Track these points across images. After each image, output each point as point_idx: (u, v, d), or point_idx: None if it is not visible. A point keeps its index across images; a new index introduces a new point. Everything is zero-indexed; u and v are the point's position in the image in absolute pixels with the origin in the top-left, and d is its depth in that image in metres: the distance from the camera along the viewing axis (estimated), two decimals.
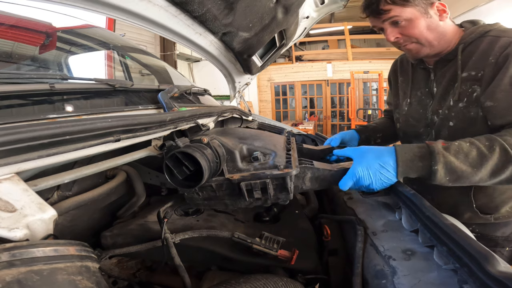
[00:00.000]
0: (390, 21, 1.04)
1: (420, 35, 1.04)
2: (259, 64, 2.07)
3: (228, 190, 0.80)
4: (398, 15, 1.01)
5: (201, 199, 0.83)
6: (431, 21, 1.03)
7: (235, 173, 0.79)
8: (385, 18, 1.04)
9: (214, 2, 1.16)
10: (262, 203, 0.81)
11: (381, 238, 0.74)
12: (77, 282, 0.41)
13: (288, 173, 0.74)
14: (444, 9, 1.04)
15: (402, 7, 1.00)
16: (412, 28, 1.03)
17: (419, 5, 1.00)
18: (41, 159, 0.55)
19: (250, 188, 0.76)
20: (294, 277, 0.75)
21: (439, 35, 1.05)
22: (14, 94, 0.75)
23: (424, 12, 1.01)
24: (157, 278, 0.89)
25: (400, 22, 1.02)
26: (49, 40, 1.25)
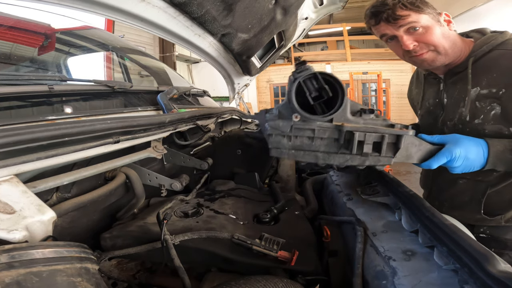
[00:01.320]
0: (406, 28, 1.00)
1: (438, 42, 1.00)
2: (258, 65, 2.07)
3: (328, 140, 0.72)
4: (416, 21, 0.98)
5: (289, 147, 0.73)
6: (444, 29, 1.01)
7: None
8: (402, 23, 0.99)
9: (213, 3, 1.16)
10: (359, 162, 0.74)
11: (381, 239, 0.74)
12: (76, 283, 0.41)
13: (406, 132, 0.71)
14: (450, 20, 1.03)
15: (418, 13, 0.97)
16: (430, 35, 0.99)
17: (431, 13, 0.99)
18: (40, 161, 0.55)
19: (362, 140, 0.70)
20: (294, 278, 0.75)
21: (452, 43, 1.02)
22: (13, 95, 0.75)
23: (437, 20, 1.00)
24: (157, 280, 0.89)
25: (417, 29, 0.99)
26: (48, 41, 1.25)
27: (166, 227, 0.78)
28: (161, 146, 1.01)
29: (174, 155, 1.21)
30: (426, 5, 0.99)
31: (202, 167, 1.27)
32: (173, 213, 0.99)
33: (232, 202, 1.13)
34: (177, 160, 1.22)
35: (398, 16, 0.98)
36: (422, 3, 0.98)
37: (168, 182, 1.01)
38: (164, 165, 1.23)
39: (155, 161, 1.16)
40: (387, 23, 1.01)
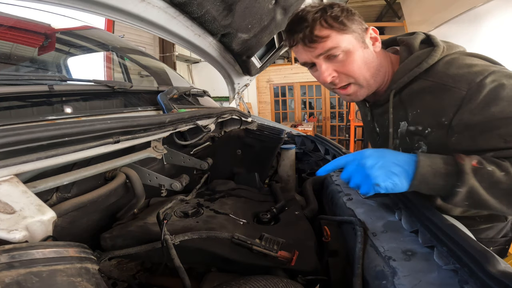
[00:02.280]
0: (326, 55, 0.85)
1: (359, 73, 0.86)
2: (258, 65, 2.07)
3: None
4: (336, 45, 0.82)
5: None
6: (368, 52, 0.86)
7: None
8: (320, 51, 0.84)
9: (213, 3, 1.16)
10: None
11: (381, 239, 0.74)
12: (76, 283, 0.41)
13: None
14: (377, 37, 0.88)
15: (340, 33, 0.82)
16: (350, 63, 0.85)
17: (356, 31, 0.84)
18: (40, 161, 0.55)
19: None
20: (294, 278, 0.75)
21: (375, 70, 0.89)
22: (13, 95, 0.75)
23: (361, 41, 0.85)
24: (157, 280, 0.89)
25: (338, 54, 0.83)
26: (48, 41, 1.25)
27: (166, 227, 0.78)
28: (161, 146, 1.01)
29: (174, 155, 1.21)
30: (352, 20, 0.83)
31: (202, 167, 1.27)
32: (173, 213, 0.99)
33: (232, 202, 1.13)
34: (177, 160, 1.22)
35: (316, 38, 0.82)
36: (348, 18, 0.83)
37: (168, 182, 1.01)
38: (164, 165, 1.23)
39: (155, 161, 1.16)
40: (303, 45, 0.86)
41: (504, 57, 3.61)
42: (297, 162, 1.73)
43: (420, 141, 0.85)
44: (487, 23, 5.04)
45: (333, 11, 0.82)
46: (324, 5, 0.83)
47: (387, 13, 8.88)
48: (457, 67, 0.77)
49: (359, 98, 0.93)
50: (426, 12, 6.43)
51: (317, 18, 0.82)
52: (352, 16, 0.84)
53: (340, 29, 0.82)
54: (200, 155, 1.41)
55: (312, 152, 1.93)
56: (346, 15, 0.83)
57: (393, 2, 7.95)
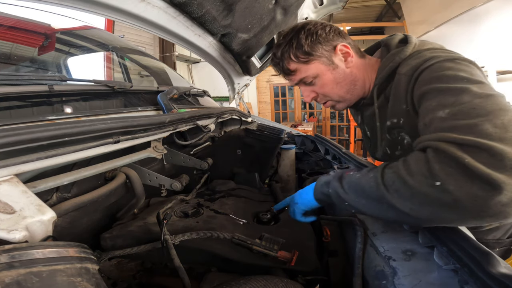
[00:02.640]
0: (301, 83, 0.98)
1: (331, 92, 0.97)
2: (258, 65, 2.07)
3: None
4: (305, 75, 0.94)
5: None
6: (338, 72, 0.94)
7: None
8: (295, 80, 0.98)
9: (213, 3, 1.16)
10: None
11: (381, 239, 0.74)
12: (76, 283, 0.41)
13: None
14: (348, 52, 0.93)
15: (306, 64, 0.93)
16: (322, 86, 0.96)
17: (322, 55, 0.91)
18: (40, 161, 0.55)
19: None
20: (294, 278, 0.75)
21: (348, 86, 0.96)
22: (13, 95, 0.75)
23: (328, 63, 0.93)
24: (157, 280, 0.89)
25: (311, 81, 0.96)
26: (48, 41, 1.25)
27: (166, 227, 0.78)
28: (161, 146, 1.01)
29: (174, 155, 1.21)
30: (316, 46, 0.91)
31: (202, 167, 1.27)
32: (173, 213, 0.99)
33: (232, 202, 1.13)
34: (177, 160, 1.22)
35: (288, 71, 0.96)
36: (312, 45, 0.90)
37: (168, 182, 1.01)
38: (164, 165, 1.23)
39: (155, 161, 1.16)
40: (283, 76, 1.00)
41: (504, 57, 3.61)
42: (297, 162, 1.73)
43: (401, 132, 0.89)
44: (486, 23, 5.04)
45: (298, 40, 0.91)
46: (292, 34, 0.93)
47: (387, 13, 8.89)
48: (416, 58, 0.81)
49: (339, 109, 1.05)
50: (426, 12, 6.43)
51: (285, 54, 0.94)
52: (317, 39, 0.91)
53: (305, 60, 0.92)
54: (200, 155, 1.41)
55: (312, 152, 1.93)
56: (310, 41, 0.91)
57: (393, 2, 7.96)
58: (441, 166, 0.53)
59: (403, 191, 0.57)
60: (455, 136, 0.53)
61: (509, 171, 0.48)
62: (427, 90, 0.70)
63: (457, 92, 0.62)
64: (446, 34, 5.98)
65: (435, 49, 0.83)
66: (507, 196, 0.47)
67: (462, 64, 0.70)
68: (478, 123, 0.53)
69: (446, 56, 0.74)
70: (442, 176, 0.52)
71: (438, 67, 0.72)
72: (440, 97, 0.65)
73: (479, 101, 0.58)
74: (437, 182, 0.52)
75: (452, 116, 0.59)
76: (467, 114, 0.57)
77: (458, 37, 5.62)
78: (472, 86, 0.62)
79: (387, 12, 8.78)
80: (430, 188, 0.53)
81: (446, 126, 0.58)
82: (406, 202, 0.57)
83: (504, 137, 0.50)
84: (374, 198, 0.64)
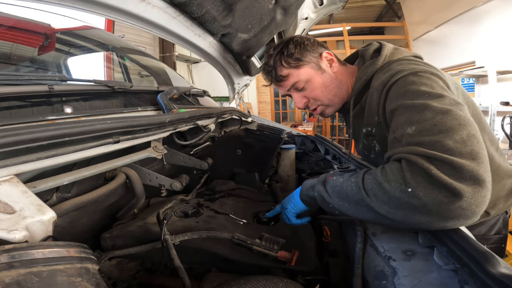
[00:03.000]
0: (293, 88, 1.04)
1: (322, 95, 1.04)
2: (258, 65, 2.07)
3: None
4: (297, 79, 1.01)
5: None
6: (325, 76, 1.02)
7: None
8: (287, 86, 1.04)
9: (213, 3, 1.16)
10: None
11: (381, 239, 0.74)
12: (76, 283, 0.41)
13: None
14: (332, 58, 1.03)
15: (297, 68, 1.00)
16: (312, 89, 1.03)
17: (311, 61, 1.01)
18: (40, 161, 0.55)
19: None
20: (294, 278, 0.75)
21: (336, 89, 1.04)
22: (13, 95, 0.75)
23: (317, 68, 1.01)
24: (157, 280, 0.89)
25: (302, 86, 1.02)
26: (48, 41, 1.25)
27: (166, 227, 0.78)
28: (161, 146, 1.01)
29: (174, 155, 1.21)
30: (305, 53, 1.00)
31: (202, 167, 1.27)
32: (173, 213, 0.99)
33: (232, 202, 1.13)
34: (177, 160, 1.22)
35: (281, 77, 1.02)
36: (301, 52, 1.00)
37: (168, 182, 1.01)
38: (164, 165, 1.23)
39: (155, 161, 1.16)
40: (275, 84, 1.06)
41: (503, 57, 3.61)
42: (297, 162, 1.73)
43: (374, 140, 0.98)
44: (486, 23, 5.04)
45: (288, 49, 1.00)
46: (282, 45, 1.02)
47: (387, 13, 8.88)
48: (385, 71, 0.88)
49: (328, 115, 1.12)
50: (426, 12, 6.43)
51: (277, 61, 1.01)
52: (305, 48, 1.01)
53: (296, 65, 1.00)
54: (200, 155, 1.41)
55: (312, 152, 1.93)
56: (299, 49, 1.00)
57: (393, 2, 7.95)
58: (412, 175, 0.60)
59: (380, 196, 0.64)
60: (422, 150, 0.61)
61: (468, 181, 0.56)
62: (396, 107, 0.77)
63: (420, 109, 0.69)
64: (446, 34, 5.98)
65: (402, 60, 0.90)
66: (467, 201, 0.55)
67: (424, 77, 0.77)
68: (440, 140, 0.61)
69: (410, 70, 0.81)
70: (413, 183, 0.59)
71: (403, 81, 0.79)
72: (407, 113, 0.72)
73: (439, 118, 0.65)
74: (409, 188, 0.59)
75: (418, 133, 0.66)
76: (430, 131, 0.64)
77: (458, 37, 5.63)
78: (433, 101, 0.69)
79: (387, 12, 8.78)
80: (403, 194, 0.60)
81: (414, 141, 0.65)
82: (384, 206, 0.64)
83: (463, 152, 0.59)
84: (355, 201, 0.70)
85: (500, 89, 4.46)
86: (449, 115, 0.65)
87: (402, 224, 0.64)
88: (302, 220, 0.92)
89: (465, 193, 0.55)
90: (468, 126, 0.63)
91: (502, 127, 3.68)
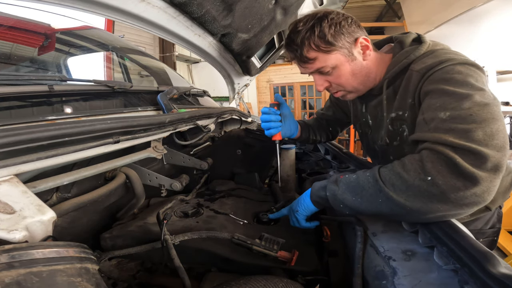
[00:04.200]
0: (316, 71, 0.96)
1: (346, 83, 0.97)
2: (258, 65, 2.07)
3: None
4: (324, 65, 0.93)
5: None
6: (355, 64, 0.94)
7: None
8: (310, 68, 0.96)
9: (213, 3, 1.16)
10: None
11: (381, 239, 0.74)
12: (76, 283, 0.41)
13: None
14: (368, 45, 0.94)
15: (327, 53, 0.91)
16: (338, 76, 0.95)
17: (343, 46, 0.91)
18: (40, 161, 0.55)
19: None
20: (294, 278, 0.75)
21: (363, 78, 0.97)
22: (13, 95, 0.75)
23: (348, 55, 0.93)
24: (157, 280, 0.89)
25: (328, 71, 0.94)
26: (48, 41, 1.25)
27: (166, 227, 0.78)
28: (161, 146, 1.01)
29: (174, 155, 1.21)
30: (339, 36, 0.89)
31: (202, 167, 1.27)
32: (173, 213, 0.99)
33: (232, 202, 1.13)
34: (177, 160, 1.22)
35: (306, 59, 0.93)
36: (335, 35, 0.89)
37: (168, 182, 1.01)
38: (164, 165, 1.23)
39: (155, 161, 1.16)
40: (298, 63, 0.98)
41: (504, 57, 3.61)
42: (297, 162, 1.73)
43: (403, 125, 0.95)
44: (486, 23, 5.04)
45: (321, 28, 0.88)
46: (314, 21, 0.89)
47: (387, 13, 8.88)
48: (432, 57, 0.85)
49: (348, 99, 1.06)
50: (426, 12, 6.43)
51: (305, 41, 0.90)
52: (340, 30, 0.89)
53: (327, 49, 0.90)
54: (200, 155, 1.41)
55: (312, 152, 1.93)
56: (334, 31, 0.88)
57: (393, 2, 7.95)
58: (433, 164, 0.64)
59: (399, 184, 0.68)
60: (451, 140, 0.64)
61: (489, 171, 0.61)
62: (433, 89, 0.77)
63: (460, 97, 0.70)
64: (446, 34, 5.98)
65: (447, 50, 0.87)
66: (481, 188, 0.60)
67: (471, 70, 0.77)
68: (472, 129, 0.64)
69: (459, 60, 0.79)
70: (433, 172, 0.63)
71: (451, 69, 0.77)
72: (444, 98, 0.73)
73: (477, 109, 0.67)
74: (428, 177, 0.63)
75: (452, 119, 0.68)
76: (464, 119, 0.67)
77: (458, 37, 5.62)
78: (475, 93, 0.70)
79: (387, 12, 8.77)
80: (422, 182, 0.64)
81: (445, 127, 0.68)
82: (402, 194, 0.67)
83: (490, 144, 0.63)
84: (371, 194, 0.72)
85: (500, 89, 4.46)
86: (486, 108, 0.67)
87: (419, 213, 0.66)
88: (311, 223, 0.92)
89: (483, 181, 0.60)
90: (499, 121, 0.66)
91: None
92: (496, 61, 4.57)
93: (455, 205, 0.62)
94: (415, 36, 0.97)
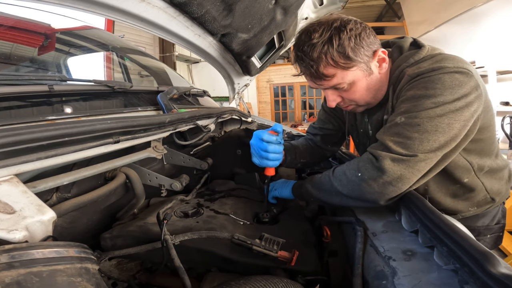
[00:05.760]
0: (334, 88, 0.90)
1: (360, 98, 0.92)
2: (258, 65, 2.07)
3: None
4: (341, 81, 0.85)
5: None
6: (371, 79, 0.89)
7: None
8: (326, 86, 0.89)
9: (213, 3, 1.16)
10: None
11: (381, 239, 0.74)
12: (76, 283, 0.41)
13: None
14: (384, 57, 0.89)
15: (346, 70, 0.83)
16: (353, 92, 0.90)
17: (362, 61, 0.84)
18: (40, 161, 0.55)
19: None
20: (294, 278, 0.75)
21: (376, 92, 0.93)
22: (13, 95, 0.75)
23: (366, 69, 0.86)
24: (157, 280, 0.89)
25: (343, 87, 0.88)
26: (48, 41, 1.25)
27: (166, 227, 0.78)
28: (161, 146, 1.01)
29: (174, 155, 1.21)
30: (359, 50, 0.82)
31: (202, 167, 1.27)
32: (173, 213, 0.99)
33: (232, 202, 1.13)
34: (177, 160, 1.22)
35: (323, 75, 0.84)
36: (355, 48, 0.81)
37: (168, 182, 1.01)
38: (164, 165, 1.23)
39: (155, 161, 1.16)
40: (311, 79, 0.89)
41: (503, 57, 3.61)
42: None
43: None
44: (486, 23, 5.04)
45: (340, 42, 0.80)
46: (331, 32, 0.80)
47: (387, 13, 8.89)
48: (427, 63, 0.85)
49: (357, 111, 1.06)
50: (426, 12, 6.43)
51: (322, 55, 0.80)
52: (360, 43, 0.82)
53: (346, 65, 0.82)
54: (200, 155, 1.41)
55: None
56: (354, 45, 0.81)
57: (393, 2, 7.96)
58: (363, 164, 0.83)
59: (343, 179, 0.86)
60: (391, 145, 0.79)
61: (399, 165, 0.77)
62: (410, 94, 0.83)
63: (423, 107, 0.78)
64: (446, 34, 5.98)
65: (445, 55, 0.86)
66: (389, 177, 0.77)
67: (457, 80, 0.78)
68: (414, 138, 0.77)
69: (451, 69, 0.80)
70: (362, 169, 0.82)
71: (437, 79, 0.80)
72: (410, 105, 0.81)
73: (426, 120, 0.77)
74: (359, 173, 0.82)
75: (403, 125, 0.80)
76: (411, 127, 0.78)
77: (458, 37, 5.63)
78: (440, 105, 0.77)
79: (387, 12, 8.78)
80: (355, 177, 0.83)
81: (394, 131, 0.81)
82: (344, 187, 0.86)
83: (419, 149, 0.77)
84: (327, 188, 0.91)
85: (500, 89, 4.46)
86: (435, 120, 0.77)
87: (359, 200, 0.83)
88: (273, 200, 1.12)
89: (387, 170, 0.77)
90: (441, 134, 0.77)
91: (502, 127, 3.67)
92: (496, 61, 4.58)
93: (379, 194, 0.79)
94: (411, 41, 0.97)
